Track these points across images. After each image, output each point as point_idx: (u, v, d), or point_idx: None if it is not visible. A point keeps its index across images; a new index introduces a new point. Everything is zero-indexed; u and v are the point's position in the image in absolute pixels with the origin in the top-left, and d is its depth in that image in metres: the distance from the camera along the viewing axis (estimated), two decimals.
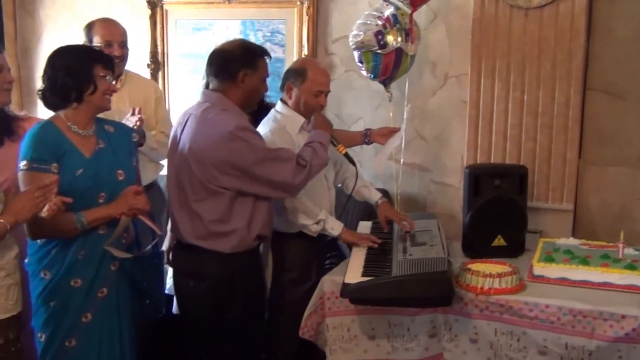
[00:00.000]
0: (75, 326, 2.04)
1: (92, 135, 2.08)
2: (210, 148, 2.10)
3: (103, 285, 2.07)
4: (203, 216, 2.14)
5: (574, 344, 1.96)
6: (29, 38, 3.85)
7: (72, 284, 2.03)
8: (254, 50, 2.25)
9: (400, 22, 2.80)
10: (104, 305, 2.08)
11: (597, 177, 2.88)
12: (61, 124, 2.04)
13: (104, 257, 2.06)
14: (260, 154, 2.12)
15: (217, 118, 2.12)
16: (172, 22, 3.61)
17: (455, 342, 2.11)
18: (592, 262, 2.20)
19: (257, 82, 2.22)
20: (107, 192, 2.05)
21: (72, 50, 2.08)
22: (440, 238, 2.29)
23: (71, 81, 2.00)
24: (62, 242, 2.02)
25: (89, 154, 2.05)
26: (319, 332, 2.23)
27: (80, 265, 2.03)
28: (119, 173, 2.09)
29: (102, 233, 2.05)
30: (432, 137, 3.15)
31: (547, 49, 2.75)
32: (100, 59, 2.07)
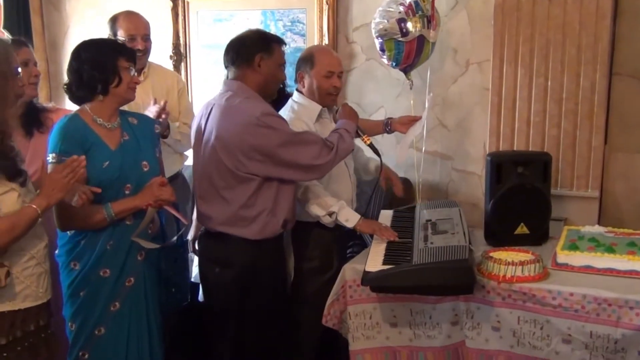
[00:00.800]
0: (104, 315, 2.10)
1: (117, 128, 2.13)
2: (237, 135, 2.13)
3: (130, 274, 2.12)
4: (231, 202, 2.18)
5: (599, 333, 1.94)
6: (56, 32, 3.92)
7: (102, 274, 2.09)
8: (269, 36, 2.30)
9: (422, 9, 2.78)
10: (132, 294, 2.13)
11: (624, 163, 2.82)
12: (87, 117, 2.09)
13: (132, 248, 2.11)
14: (286, 137, 2.15)
15: (242, 106, 2.15)
16: (194, 13, 3.64)
17: (477, 330, 2.11)
18: (617, 250, 2.17)
19: (274, 67, 2.25)
20: (132, 184, 2.10)
21: (96, 44, 2.12)
22: (461, 226, 2.28)
23: (97, 74, 2.04)
24: (91, 233, 2.07)
25: (114, 146, 2.10)
26: (341, 320, 2.26)
27: (109, 256, 2.08)
28: (143, 164, 2.13)
29: (129, 224, 2.10)
30: (453, 125, 3.13)
31: (572, 33, 2.70)
32: (124, 52, 2.11)
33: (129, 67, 2.08)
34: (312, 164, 2.17)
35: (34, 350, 1.82)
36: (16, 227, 1.71)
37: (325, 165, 2.20)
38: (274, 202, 2.20)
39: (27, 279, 1.79)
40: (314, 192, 2.34)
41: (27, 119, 2.35)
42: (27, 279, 1.79)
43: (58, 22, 3.92)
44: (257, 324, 2.24)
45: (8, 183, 1.74)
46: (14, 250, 1.75)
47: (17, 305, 1.76)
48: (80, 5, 3.86)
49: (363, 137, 2.41)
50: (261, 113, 2.12)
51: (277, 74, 2.28)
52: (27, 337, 1.80)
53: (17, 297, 1.76)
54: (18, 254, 1.77)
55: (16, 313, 1.76)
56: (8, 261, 1.74)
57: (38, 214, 1.75)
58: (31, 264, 1.80)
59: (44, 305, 1.85)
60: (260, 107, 2.14)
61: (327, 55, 2.47)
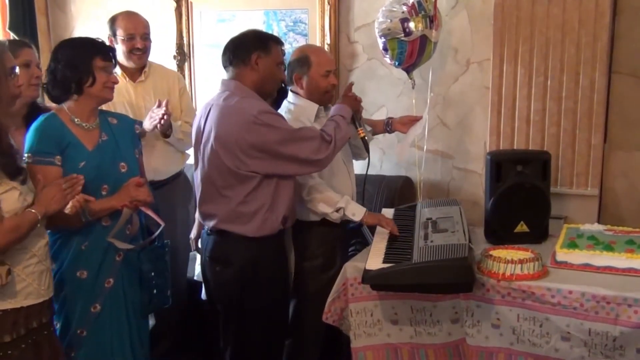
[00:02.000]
0: (85, 317, 2.09)
1: (95, 128, 2.11)
2: (235, 134, 2.14)
3: (109, 275, 2.12)
4: (231, 199, 2.20)
5: (598, 330, 1.95)
6: (61, 33, 3.95)
7: (78, 275, 2.08)
8: (266, 35, 2.31)
9: (425, 9, 2.79)
10: (111, 295, 2.12)
11: (624, 161, 2.83)
12: (64, 116, 2.07)
13: (109, 248, 2.10)
14: (285, 134, 2.17)
15: (239, 105, 2.17)
16: (197, 13, 3.65)
17: (477, 328, 2.12)
18: (616, 248, 2.18)
19: (272, 66, 2.26)
20: (109, 184, 2.08)
21: (72, 43, 2.12)
22: (462, 224, 2.29)
23: (70, 73, 2.03)
24: (65, 234, 2.07)
25: (91, 146, 2.08)
26: (342, 317, 2.28)
27: (85, 257, 2.08)
28: (121, 165, 2.12)
29: (105, 225, 2.09)
30: (454, 124, 3.14)
31: (571, 32, 2.72)
32: (100, 51, 2.07)
33: (104, 67, 2.06)
34: (312, 159, 2.19)
35: (37, 348, 1.83)
36: (20, 227, 1.73)
37: (325, 159, 2.22)
38: (272, 198, 2.21)
39: (29, 277, 1.80)
40: (319, 190, 2.36)
41: (30, 120, 2.37)
42: (28, 277, 1.80)
43: (63, 22, 3.95)
44: (258, 321, 2.26)
45: (9, 182, 1.75)
46: (15, 249, 1.77)
47: (19, 303, 1.78)
48: (85, 5, 3.89)
49: (358, 129, 2.46)
50: (258, 111, 2.13)
51: (275, 72, 2.28)
52: (31, 334, 1.81)
53: (19, 295, 1.78)
54: (19, 252, 1.79)
55: (19, 311, 1.78)
56: (9, 259, 1.76)
57: (38, 219, 1.78)
58: (32, 262, 1.82)
59: (46, 303, 1.87)
60: (257, 106, 2.16)
61: (323, 55, 2.50)
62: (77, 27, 3.92)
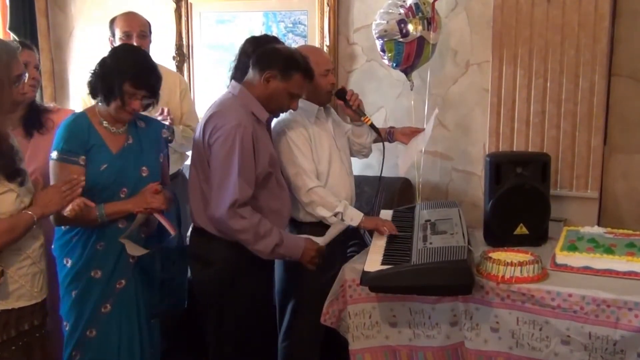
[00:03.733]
0: (95, 316, 2.11)
1: (122, 133, 2.14)
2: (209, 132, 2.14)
3: (121, 277, 2.13)
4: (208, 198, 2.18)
5: (598, 334, 1.94)
6: (61, 33, 3.96)
7: (92, 274, 2.10)
8: (297, 63, 2.19)
9: (423, 11, 2.79)
10: (122, 296, 2.14)
11: (624, 164, 2.83)
12: (94, 117, 2.11)
13: (123, 250, 2.11)
14: (228, 167, 2.09)
15: (227, 111, 2.15)
16: (197, 14, 3.66)
17: (476, 331, 2.11)
18: (617, 251, 2.17)
19: (282, 92, 2.19)
20: (129, 188, 2.11)
21: (115, 57, 2.10)
22: (461, 226, 2.28)
23: (100, 85, 2.07)
24: (83, 232, 2.09)
25: (116, 150, 2.11)
26: (340, 319, 2.26)
27: (100, 257, 2.10)
28: (142, 169, 2.14)
29: (121, 227, 2.11)
30: (453, 125, 3.14)
31: (571, 34, 2.71)
32: (132, 77, 2.04)
33: (132, 93, 2.05)
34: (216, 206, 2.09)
35: (28, 350, 1.83)
36: (15, 229, 1.73)
37: (223, 222, 2.09)
38: (252, 203, 2.17)
39: (22, 279, 1.80)
40: (318, 193, 2.35)
41: (27, 120, 2.36)
42: (21, 279, 1.80)
43: (63, 23, 3.95)
44: (237, 323, 2.23)
45: (7, 183, 1.75)
46: (9, 250, 1.76)
47: (10, 305, 1.77)
48: (85, 6, 3.89)
49: (363, 117, 2.45)
50: (236, 124, 2.10)
51: (282, 99, 2.21)
52: (22, 336, 1.81)
53: (10, 296, 1.77)
54: (13, 254, 1.78)
55: (10, 312, 1.77)
56: (3, 261, 1.75)
57: (34, 221, 1.77)
58: (26, 264, 1.81)
59: (39, 305, 1.86)
60: (239, 120, 2.11)
61: (321, 54, 2.49)
62: (76, 27, 3.93)
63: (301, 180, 2.35)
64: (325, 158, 2.43)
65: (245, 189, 2.11)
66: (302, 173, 2.35)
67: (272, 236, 2.14)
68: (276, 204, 2.26)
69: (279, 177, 2.30)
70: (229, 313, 2.23)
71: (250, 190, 2.13)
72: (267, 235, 2.13)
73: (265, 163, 2.20)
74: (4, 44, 1.82)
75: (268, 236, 2.13)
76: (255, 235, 2.12)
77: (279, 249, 2.16)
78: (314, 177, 2.37)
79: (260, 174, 2.18)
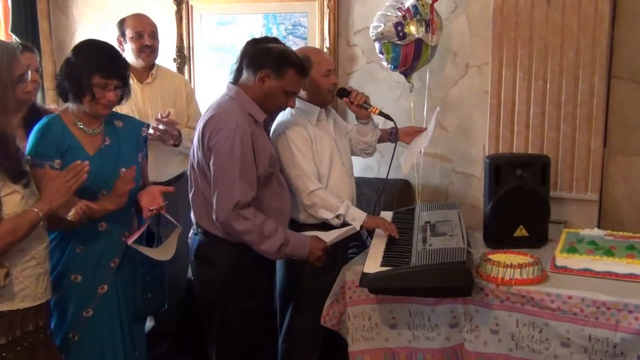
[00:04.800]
0: (77, 321, 2.08)
1: (98, 134, 2.09)
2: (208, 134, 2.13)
3: (103, 281, 2.10)
4: (209, 200, 2.17)
5: (598, 336, 1.93)
6: (63, 35, 3.97)
7: (72, 278, 2.07)
8: (289, 60, 2.18)
9: (421, 13, 2.80)
10: (105, 301, 2.10)
11: (623, 166, 2.83)
12: (68, 119, 2.06)
13: (103, 254, 2.09)
14: (229, 169, 2.08)
15: (225, 112, 2.16)
16: (197, 17, 3.67)
17: (475, 333, 2.10)
18: (617, 253, 2.17)
19: (277, 90, 2.18)
20: (108, 189, 2.06)
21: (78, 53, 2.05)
22: (460, 228, 2.28)
23: (67, 84, 2.02)
24: (62, 236, 2.05)
25: (92, 151, 2.06)
26: (341, 321, 2.26)
27: (80, 261, 2.06)
28: (122, 170, 2.09)
29: (101, 230, 2.08)
30: (453, 127, 3.14)
31: (570, 36, 2.71)
32: (100, 68, 2.00)
33: (103, 85, 2.00)
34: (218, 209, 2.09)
35: (33, 350, 1.82)
36: (18, 229, 1.73)
37: (227, 225, 2.09)
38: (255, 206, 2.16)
39: (27, 280, 1.80)
40: (320, 196, 2.35)
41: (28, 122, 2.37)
42: (26, 280, 1.80)
43: (65, 25, 3.96)
44: (240, 324, 2.23)
45: (12, 185, 1.74)
46: (14, 251, 1.76)
47: (16, 305, 1.77)
48: (86, 9, 3.90)
49: (370, 109, 2.47)
50: (235, 127, 2.10)
51: (277, 97, 2.20)
52: (27, 337, 1.81)
53: (16, 297, 1.77)
54: (18, 255, 1.78)
55: (15, 313, 1.77)
56: (8, 262, 1.75)
57: (40, 218, 1.76)
58: (31, 265, 1.81)
59: (43, 306, 1.86)
60: (237, 122, 2.11)
61: (322, 55, 2.51)
62: (78, 29, 3.94)
63: (302, 183, 2.35)
64: (326, 159, 2.44)
65: (247, 191, 2.11)
66: (303, 175, 2.35)
67: (277, 236, 2.13)
68: (278, 203, 2.27)
69: (279, 176, 2.31)
70: (232, 313, 2.23)
71: (253, 191, 2.13)
72: (272, 236, 2.13)
73: (266, 163, 2.20)
74: (3, 44, 1.81)
75: (273, 236, 2.13)
76: (260, 236, 2.12)
77: (285, 248, 2.15)
78: (315, 180, 2.37)
79: (262, 175, 2.18)
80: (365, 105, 2.50)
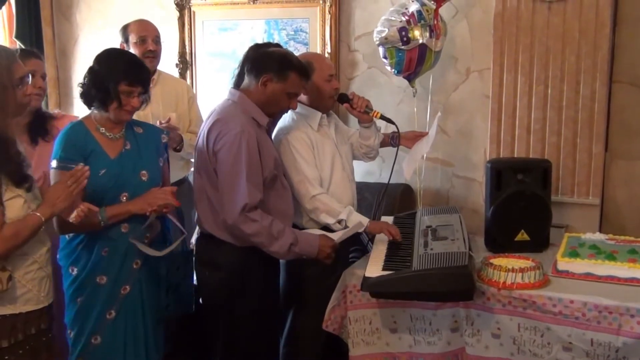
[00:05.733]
0: (100, 323, 2.11)
1: (120, 138, 2.15)
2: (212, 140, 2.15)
3: (126, 282, 2.13)
4: (216, 205, 2.18)
5: (600, 340, 1.93)
6: (66, 42, 4.00)
7: (98, 280, 2.10)
8: (291, 63, 2.21)
9: (425, 18, 2.81)
10: (127, 302, 2.14)
11: (625, 171, 2.83)
12: (90, 125, 2.13)
13: (127, 255, 2.13)
14: (235, 172, 2.10)
15: (229, 117, 2.17)
16: (199, 23, 3.69)
17: (477, 337, 2.10)
18: (618, 257, 2.16)
19: (280, 93, 2.20)
20: (129, 192, 2.12)
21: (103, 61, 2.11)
22: (462, 232, 2.28)
23: (94, 92, 2.07)
24: (88, 239, 2.10)
25: (114, 155, 2.12)
26: (342, 325, 2.26)
27: (105, 263, 2.10)
28: (142, 174, 2.15)
29: (124, 231, 2.12)
30: (454, 132, 3.15)
31: (572, 41, 2.72)
32: (127, 75, 2.07)
33: (129, 92, 2.07)
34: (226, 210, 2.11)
35: (35, 354, 1.82)
36: (20, 234, 1.73)
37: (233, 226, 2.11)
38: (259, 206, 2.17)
39: (29, 283, 1.80)
40: (322, 200, 2.35)
41: (33, 127, 2.38)
42: (28, 283, 1.80)
43: (68, 32, 3.99)
44: (247, 327, 2.23)
45: (14, 189, 1.75)
46: (16, 255, 1.77)
47: (18, 309, 1.78)
48: (89, 15, 3.93)
49: (372, 113, 2.48)
50: (239, 131, 2.12)
51: (280, 100, 2.22)
52: (29, 340, 1.81)
53: (18, 300, 1.78)
54: (20, 258, 1.79)
55: (17, 316, 1.78)
56: (10, 265, 1.76)
57: (42, 222, 1.77)
58: (33, 268, 1.81)
59: (46, 309, 1.87)
60: (241, 126, 2.13)
61: (323, 60, 2.52)
62: (81, 36, 3.97)
63: (304, 188, 2.36)
64: (327, 164, 2.44)
65: (255, 193, 2.13)
66: (305, 180, 2.36)
67: (286, 236, 2.15)
68: (282, 205, 2.27)
69: (282, 178, 2.32)
70: (238, 317, 2.23)
71: (259, 194, 2.15)
72: (280, 236, 2.14)
73: (271, 166, 2.21)
74: (3, 48, 1.82)
75: (282, 237, 2.14)
76: (270, 238, 2.13)
77: (295, 248, 2.16)
78: (317, 185, 2.38)
79: (267, 177, 2.20)
80: (367, 110, 2.51)
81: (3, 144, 1.73)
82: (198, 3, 3.65)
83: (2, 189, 1.72)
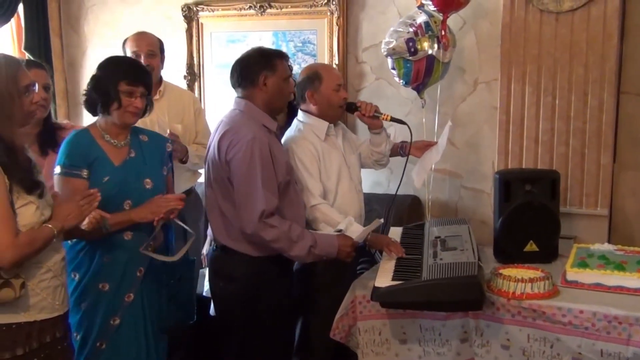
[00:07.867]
0: (104, 329, 2.11)
1: (124, 146, 2.16)
2: (224, 150, 2.16)
3: (129, 290, 2.14)
4: (229, 216, 2.19)
5: (610, 351, 1.92)
6: (75, 53, 4.03)
7: (100, 287, 2.11)
8: (270, 53, 2.29)
9: (433, 30, 2.82)
10: (131, 310, 2.14)
11: (633, 181, 2.83)
12: (95, 132, 2.14)
13: (129, 263, 2.13)
14: (250, 180, 2.11)
15: (239, 125, 2.19)
16: (207, 34, 3.72)
17: (486, 348, 2.09)
18: (628, 267, 2.16)
19: (279, 83, 2.25)
20: (133, 200, 2.12)
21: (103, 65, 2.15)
22: (471, 243, 2.28)
23: (95, 95, 2.10)
24: (89, 245, 2.11)
25: (118, 162, 2.13)
26: (350, 334, 2.26)
27: (107, 270, 2.11)
28: (146, 182, 2.15)
29: (126, 239, 2.12)
30: (462, 143, 3.15)
31: (579, 52, 2.73)
32: (126, 75, 2.09)
33: (129, 91, 2.08)
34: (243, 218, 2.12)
35: None
36: (34, 242, 1.74)
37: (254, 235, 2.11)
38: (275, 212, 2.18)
39: (43, 291, 1.81)
40: (322, 211, 2.36)
41: (42, 138, 2.40)
42: (43, 291, 1.81)
43: (77, 43, 4.03)
44: (261, 339, 2.24)
45: (26, 196, 1.76)
46: (30, 263, 1.78)
47: (32, 317, 1.78)
48: (97, 27, 3.97)
49: (381, 116, 2.50)
50: (252, 138, 2.13)
51: (283, 88, 2.28)
52: (44, 348, 1.81)
53: (32, 308, 1.78)
54: (34, 266, 1.79)
55: (32, 324, 1.78)
56: (24, 273, 1.76)
57: (54, 234, 1.78)
58: (47, 277, 1.82)
59: (61, 318, 1.87)
60: (253, 133, 2.15)
61: (332, 70, 2.55)
62: (89, 47, 4.00)
63: (305, 198, 2.37)
64: (334, 175, 2.45)
65: (271, 199, 2.14)
66: (305, 190, 2.37)
67: (305, 239, 2.16)
68: (295, 210, 2.28)
69: (294, 184, 2.33)
70: (252, 328, 2.23)
71: (276, 199, 2.16)
72: (300, 240, 2.15)
73: (284, 171, 2.23)
74: (6, 57, 1.83)
75: (301, 240, 2.15)
76: (289, 242, 2.14)
77: (314, 249, 2.17)
78: (318, 195, 2.38)
79: (281, 183, 2.21)
80: (376, 114, 2.52)
81: (12, 151, 1.74)
82: (206, 15, 3.68)
83: (14, 197, 1.73)
